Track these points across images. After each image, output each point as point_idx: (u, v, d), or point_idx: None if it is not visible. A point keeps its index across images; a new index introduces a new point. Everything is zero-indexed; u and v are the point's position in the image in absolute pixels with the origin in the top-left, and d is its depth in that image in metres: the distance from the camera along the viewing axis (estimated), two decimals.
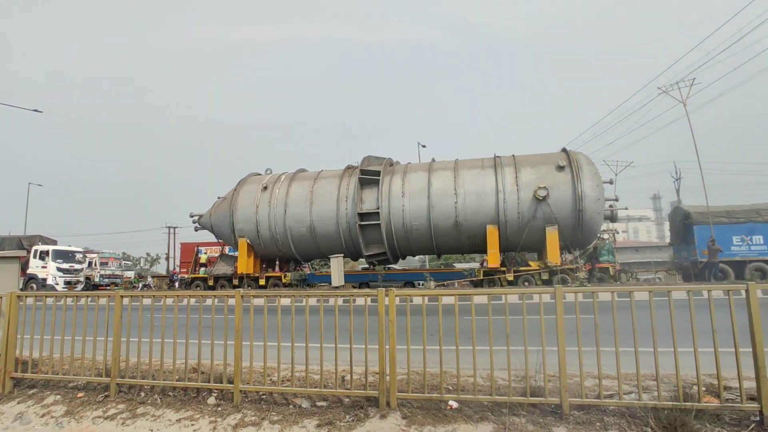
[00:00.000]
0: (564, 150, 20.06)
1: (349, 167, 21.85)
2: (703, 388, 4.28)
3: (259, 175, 23.77)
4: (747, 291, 3.70)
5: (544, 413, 4.03)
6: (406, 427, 4.03)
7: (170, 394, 5.16)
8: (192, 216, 24.22)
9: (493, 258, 18.74)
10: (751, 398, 3.80)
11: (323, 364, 4.71)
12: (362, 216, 19.89)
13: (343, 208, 20.39)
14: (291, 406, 4.68)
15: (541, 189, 18.05)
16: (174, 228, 52.61)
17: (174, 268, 40.17)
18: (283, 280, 21.72)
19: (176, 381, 5.09)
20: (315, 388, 4.72)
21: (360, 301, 4.94)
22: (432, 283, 20.08)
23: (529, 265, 19.35)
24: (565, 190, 18.21)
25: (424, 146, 40.06)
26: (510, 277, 18.65)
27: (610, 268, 19.18)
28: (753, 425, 3.60)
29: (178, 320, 5.39)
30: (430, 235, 19.50)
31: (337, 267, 19.48)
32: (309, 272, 23.79)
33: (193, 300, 5.63)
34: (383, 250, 20.22)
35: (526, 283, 18.46)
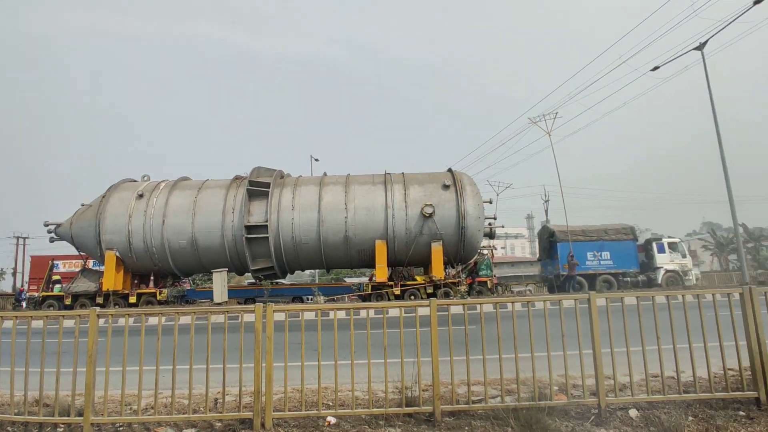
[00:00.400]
0: (450, 170, 21.40)
1: (237, 178, 20.88)
2: (556, 388, 4.77)
3: (135, 181, 21.62)
4: (589, 300, 4.21)
5: (419, 422, 4.15)
6: None
7: (8, 430, 4.35)
8: (47, 225, 21.11)
9: (381, 272, 19.14)
10: (593, 394, 4.31)
11: (192, 387, 4.34)
12: (250, 229, 19.07)
13: (230, 220, 19.37)
14: None
15: (428, 206, 18.99)
16: (24, 238, 45.53)
17: (21, 285, 34.60)
18: (158, 297, 19.84)
19: (15, 415, 4.31)
20: (183, 414, 4.32)
21: (245, 317, 4.68)
22: (321, 298, 19.85)
23: (416, 280, 20.13)
24: (450, 208, 19.37)
25: (317, 160, 39.86)
26: (397, 291, 19.20)
27: (488, 282, 20.72)
28: (593, 417, 4.07)
29: (18, 345, 4.59)
30: (320, 249, 19.35)
31: (220, 282, 18.36)
32: (189, 288, 22.04)
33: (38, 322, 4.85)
34: (271, 264, 19.56)
35: (413, 297, 19.14)
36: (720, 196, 22.17)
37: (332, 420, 4.21)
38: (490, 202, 21.22)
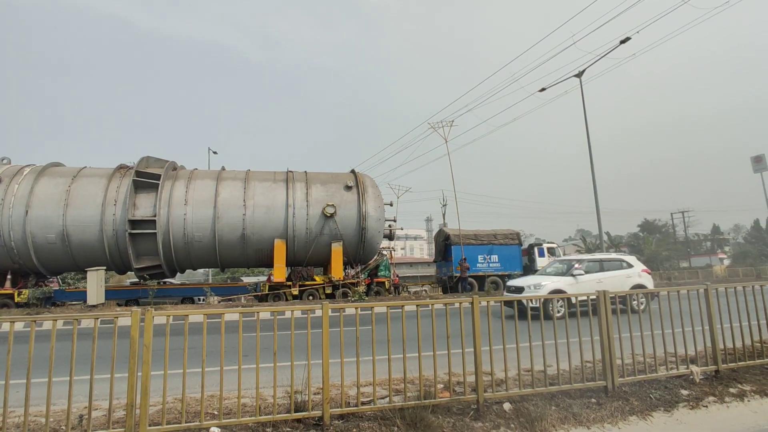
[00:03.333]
0: (353, 171, 21.57)
1: (121, 167, 19.00)
2: (441, 385, 5.04)
3: None
4: (472, 303, 4.51)
5: (308, 427, 4.11)
6: None
7: None
8: None
9: (279, 272, 18.71)
10: (474, 390, 4.62)
11: (52, 403, 3.84)
12: (134, 224, 17.47)
13: (111, 213, 17.56)
14: None
15: (330, 206, 18.96)
16: None
17: None
18: (16, 299, 17.35)
19: None
20: None
21: (123, 322, 4.24)
22: (214, 299, 18.84)
23: (315, 280, 19.97)
24: (351, 209, 19.53)
25: (215, 152, 37.67)
26: (295, 291, 18.89)
27: (387, 282, 21.26)
28: (472, 412, 4.36)
29: None
30: (215, 247, 18.36)
31: (95, 282, 16.54)
32: (57, 288, 19.55)
33: None
34: (158, 263, 18.11)
35: (311, 297, 18.96)
36: (591, 208, 25.21)
37: (216, 430, 4.01)
38: (391, 205, 21.78)
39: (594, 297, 5.04)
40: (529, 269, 26.48)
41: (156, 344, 4.05)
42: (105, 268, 17.93)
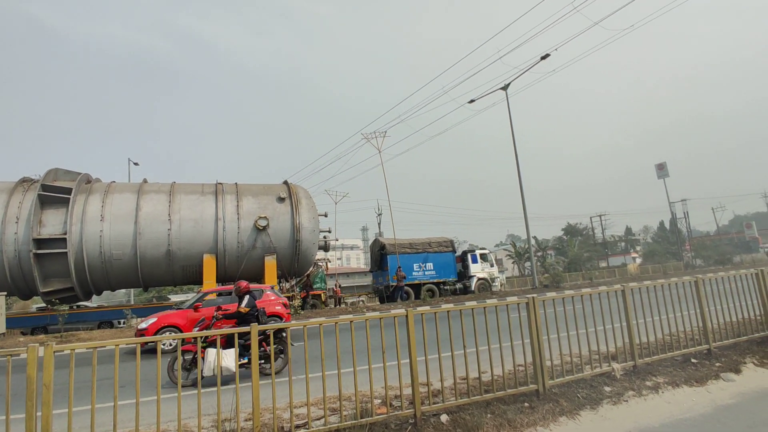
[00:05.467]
0: (285, 182, 21.06)
1: (24, 180, 17.21)
2: (378, 401, 4.93)
3: None
4: (407, 315, 4.46)
5: None
6: None
7: None
8: None
9: (209, 288, 17.74)
10: (411, 403, 4.56)
11: None
12: (40, 243, 15.84)
13: (12, 231, 15.79)
14: None
15: (262, 219, 18.35)
16: None
17: None
18: None
19: None
20: None
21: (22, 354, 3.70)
22: (136, 321, 17.48)
23: None
24: (285, 220, 19.02)
25: (136, 164, 35.28)
26: None
27: (322, 295, 20.89)
28: (409, 427, 4.29)
29: None
30: (137, 265, 17.07)
31: None
32: None
33: None
34: (70, 285, 16.52)
35: None
36: (520, 213, 26.44)
37: None
38: (326, 215, 21.51)
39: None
40: (464, 276, 27.24)
41: (61, 377, 3.60)
42: (6, 293, 16.05)
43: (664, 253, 62.08)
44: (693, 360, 6.27)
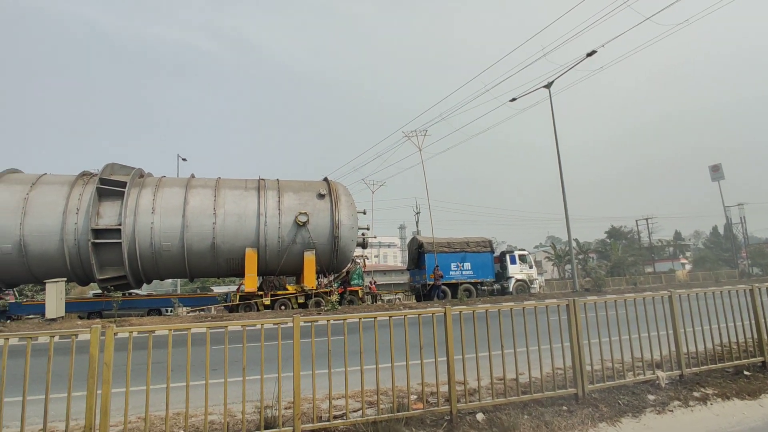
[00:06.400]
0: (325, 179, 21.44)
1: (84, 174, 18.34)
2: (414, 396, 4.99)
3: None
4: (445, 313, 4.50)
5: None
6: None
7: None
8: None
9: (251, 282, 18.35)
10: (447, 400, 4.60)
11: (2, 426, 3.61)
12: (98, 233, 16.84)
13: (72, 222, 16.87)
14: None
15: (302, 215, 18.76)
16: None
17: None
18: None
19: None
20: None
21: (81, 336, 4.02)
22: (182, 310, 18.31)
23: (287, 289, 19.67)
24: (324, 217, 19.37)
25: (184, 159, 36.78)
26: (267, 301, 18.55)
27: (359, 291, 21.14)
28: (445, 424, 4.33)
29: None
30: (183, 257, 17.86)
31: (55, 294, 15.82)
32: (13, 301, 18.61)
33: None
34: (123, 273, 17.48)
35: (283, 307, 18.66)
36: (562, 215, 25.79)
37: None
38: (365, 213, 21.74)
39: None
40: (502, 276, 26.86)
41: (118, 360, 3.87)
42: (65, 279, 17.20)
43: (717, 260, 58.89)
44: (746, 372, 5.99)
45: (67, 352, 3.85)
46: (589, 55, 23.48)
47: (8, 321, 16.94)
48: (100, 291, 18.92)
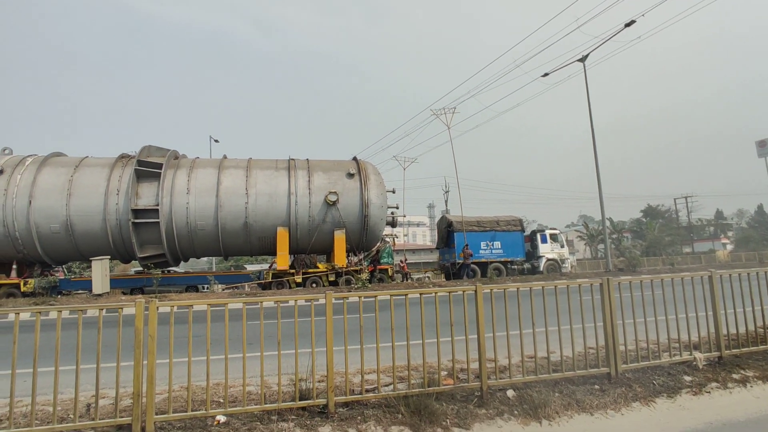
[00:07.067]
0: (355, 158, 21.49)
1: (123, 156, 18.98)
2: (445, 372, 5.06)
3: None
4: (476, 291, 4.51)
5: (313, 414, 4.15)
6: None
7: None
8: None
9: (283, 260, 18.76)
10: (477, 377, 4.65)
11: (59, 392, 3.89)
12: (137, 213, 17.51)
13: (113, 202, 17.59)
14: None
15: (332, 194, 18.92)
16: None
17: None
18: (23, 288, 17.49)
19: None
20: (47, 424, 3.86)
21: (127, 311, 4.25)
22: (218, 287, 18.94)
23: (318, 267, 20.03)
24: (354, 196, 19.49)
25: (216, 141, 37.58)
26: (298, 279, 18.96)
27: (389, 269, 21.30)
28: (476, 399, 4.39)
29: None
30: (218, 236, 18.39)
31: (100, 271, 16.64)
32: (63, 277, 19.69)
33: None
34: (161, 252, 18.18)
35: (314, 285, 19.05)
36: (594, 193, 25.07)
37: (222, 419, 4.05)
38: (393, 192, 21.73)
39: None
40: (532, 256, 26.51)
41: (160, 333, 4.07)
42: (109, 257, 18.03)
43: (762, 240, 56.21)
44: None
45: (113, 325, 4.08)
46: (627, 25, 22.38)
47: (59, 296, 17.97)
48: (141, 268, 19.76)
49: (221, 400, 4.38)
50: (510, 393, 4.53)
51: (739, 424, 4.27)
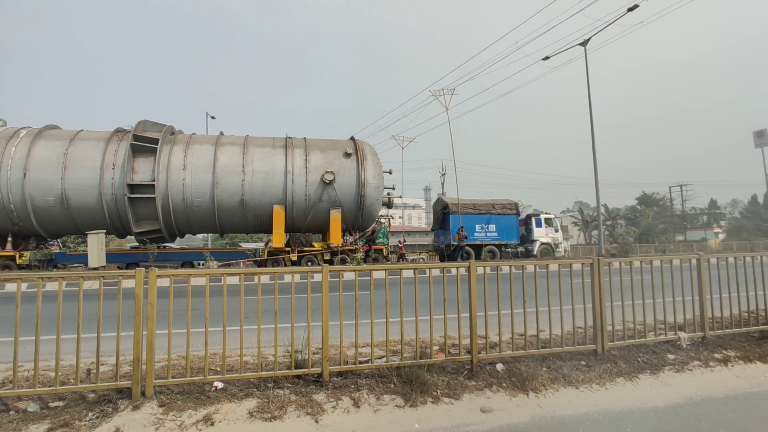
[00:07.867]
0: (352, 138, 21.42)
1: (119, 130, 18.84)
2: (437, 347, 5.21)
3: None
4: (469, 269, 4.61)
5: (308, 383, 4.28)
6: (163, 415, 3.74)
7: None
8: None
9: (278, 238, 18.86)
10: (468, 351, 4.79)
11: (60, 358, 3.99)
12: (133, 188, 17.47)
13: (109, 177, 17.52)
14: (12, 413, 3.84)
15: (329, 173, 18.93)
16: None
17: None
18: (18, 261, 17.53)
19: None
20: (48, 386, 3.97)
21: (126, 284, 4.34)
22: (213, 263, 19.06)
23: (313, 246, 20.15)
24: (350, 176, 19.50)
25: (213, 117, 37.27)
26: (294, 257, 19.09)
27: (384, 249, 21.46)
28: (466, 372, 4.53)
29: None
30: (214, 212, 18.42)
31: (96, 245, 16.68)
32: (58, 251, 19.72)
33: None
34: (158, 227, 18.21)
35: (309, 263, 19.19)
36: (590, 179, 25.14)
37: (219, 385, 4.17)
38: (390, 172, 21.74)
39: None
40: (527, 239, 26.72)
41: (159, 306, 4.16)
42: (105, 231, 18.04)
43: (755, 230, 56.75)
44: None
45: (111, 297, 4.17)
46: (630, 9, 22.17)
47: (54, 269, 18.03)
48: (137, 244, 19.81)
49: (219, 369, 4.51)
50: (499, 366, 4.68)
51: (719, 401, 4.44)
